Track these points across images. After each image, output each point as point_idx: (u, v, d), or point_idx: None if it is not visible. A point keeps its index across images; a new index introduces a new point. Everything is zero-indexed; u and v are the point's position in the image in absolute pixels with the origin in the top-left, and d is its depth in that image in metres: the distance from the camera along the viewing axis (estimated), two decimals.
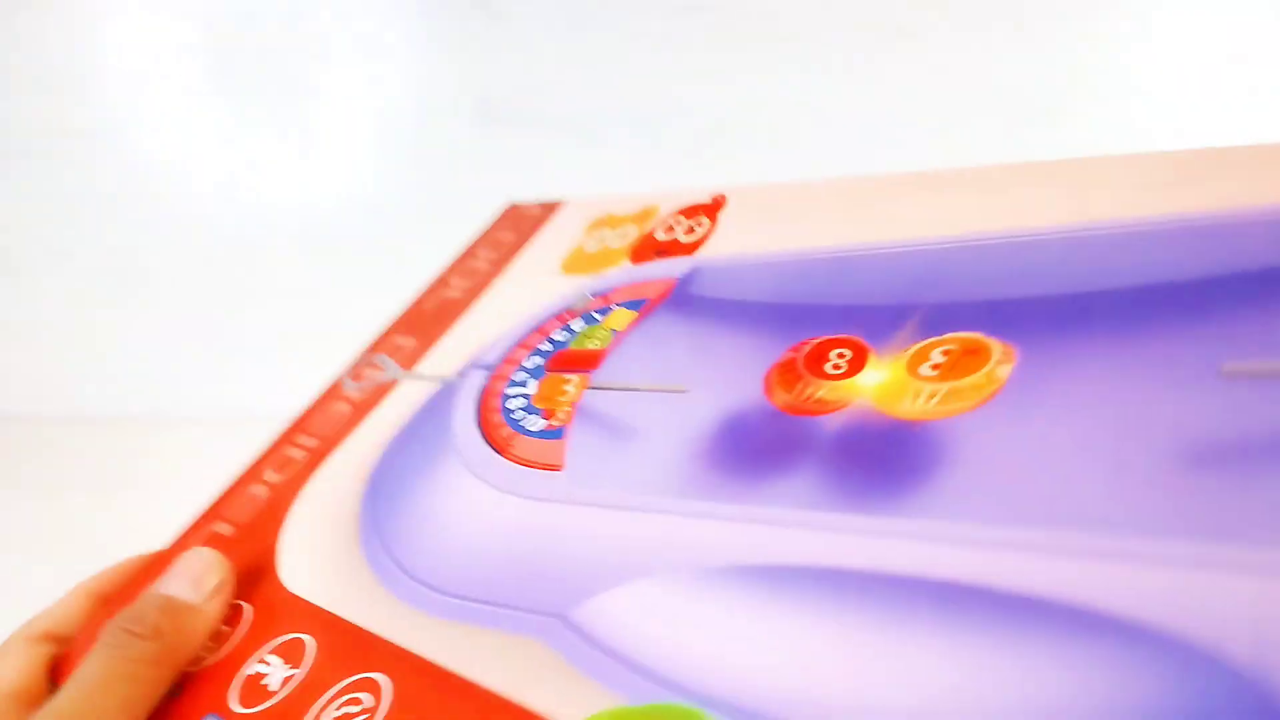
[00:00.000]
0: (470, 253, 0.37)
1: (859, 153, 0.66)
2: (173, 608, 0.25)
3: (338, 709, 0.21)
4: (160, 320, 0.63)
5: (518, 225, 0.37)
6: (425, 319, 0.34)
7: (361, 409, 0.31)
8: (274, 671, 0.23)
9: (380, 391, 0.32)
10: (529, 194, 0.54)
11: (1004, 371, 0.20)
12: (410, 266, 0.62)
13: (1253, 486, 0.16)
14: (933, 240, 0.25)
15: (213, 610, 0.25)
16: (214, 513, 0.30)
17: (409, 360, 0.33)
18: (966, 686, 0.16)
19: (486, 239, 0.37)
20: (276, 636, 0.24)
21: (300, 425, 0.32)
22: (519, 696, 0.19)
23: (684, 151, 0.68)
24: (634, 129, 0.67)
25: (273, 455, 0.31)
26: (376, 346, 0.34)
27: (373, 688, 0.21)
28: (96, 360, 0.63)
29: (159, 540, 0.30)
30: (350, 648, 0.23)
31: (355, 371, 0.33)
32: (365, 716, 0.20)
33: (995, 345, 0.21)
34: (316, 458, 0.30)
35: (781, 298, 0.26)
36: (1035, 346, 0.20)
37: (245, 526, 0.29)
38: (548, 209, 0.37)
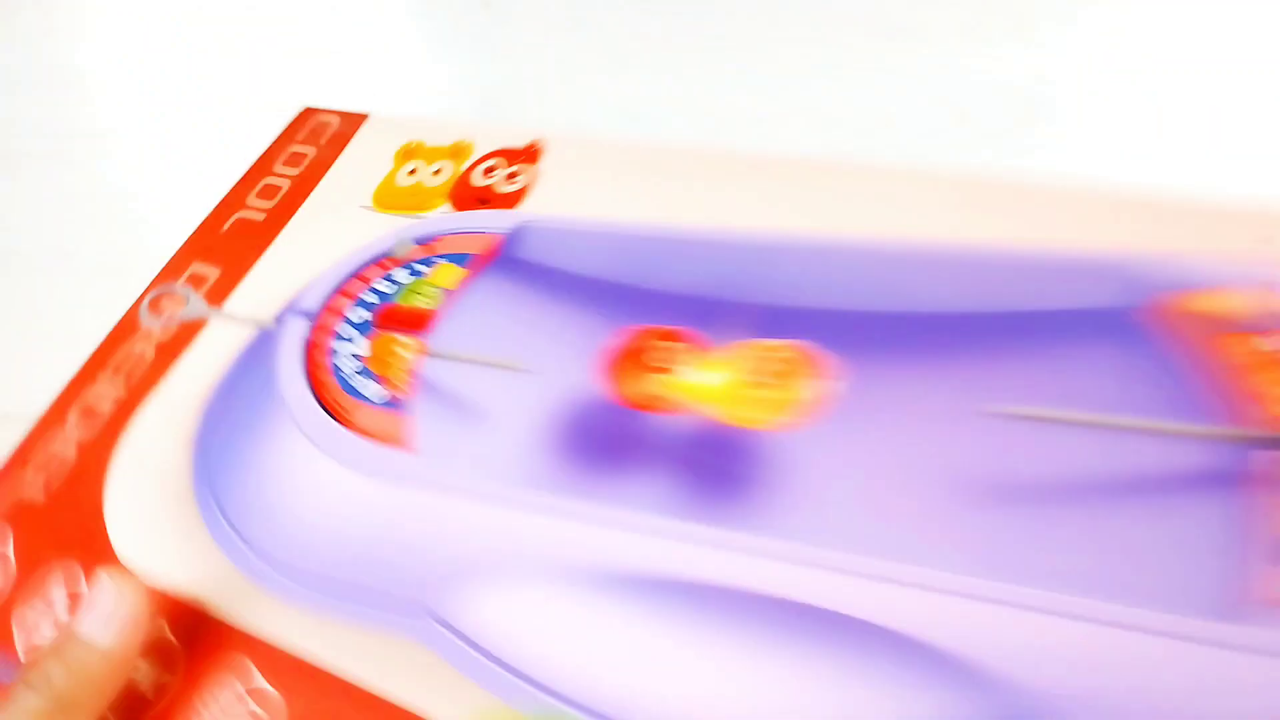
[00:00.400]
0: (265, 166, 0.35)
1: (860, 152, 0.68)
2: (74, 657, 0.23)
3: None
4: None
5: (316, 138, 0.36)
6: (225, 244, 0.33)
7: (166, 352, 0.30)
8: (143, 679, 0.23)
9: (187, 331, 0.31)
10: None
11: (829, 387, 0.23)
12: None
13: (1021, 526, 0.20)
14: (763, 235, 0.27)
15: (123, 651, 0.23)
16: (15, 474, 0.28)
17: (215, 295, 0.31)
18: (769, 688, 0.20)
19: (282, 150, 0.36)
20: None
21: (98, 364, 0.31)
22: (399, 696, 0.21)
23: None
24: (634, 129, 0.66)
25: (74, 402, 0.30)
26: (172, 272, 0.33)
27: (259, 696, 0.22)
28: None
29: None
30: (218, 645, 0.23)
31: (154, 303, 0.32)
32: None
33: (823, 359, 0.24)
34: (125, 411, 0.29)
35: (613, 275, 0.27)
36: (858, 362, 0.24)
37: (58, 494, 0.28)
38: (350, 121, 0.36)
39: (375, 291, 0.29)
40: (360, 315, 0.29)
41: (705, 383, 0.24)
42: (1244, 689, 0.17)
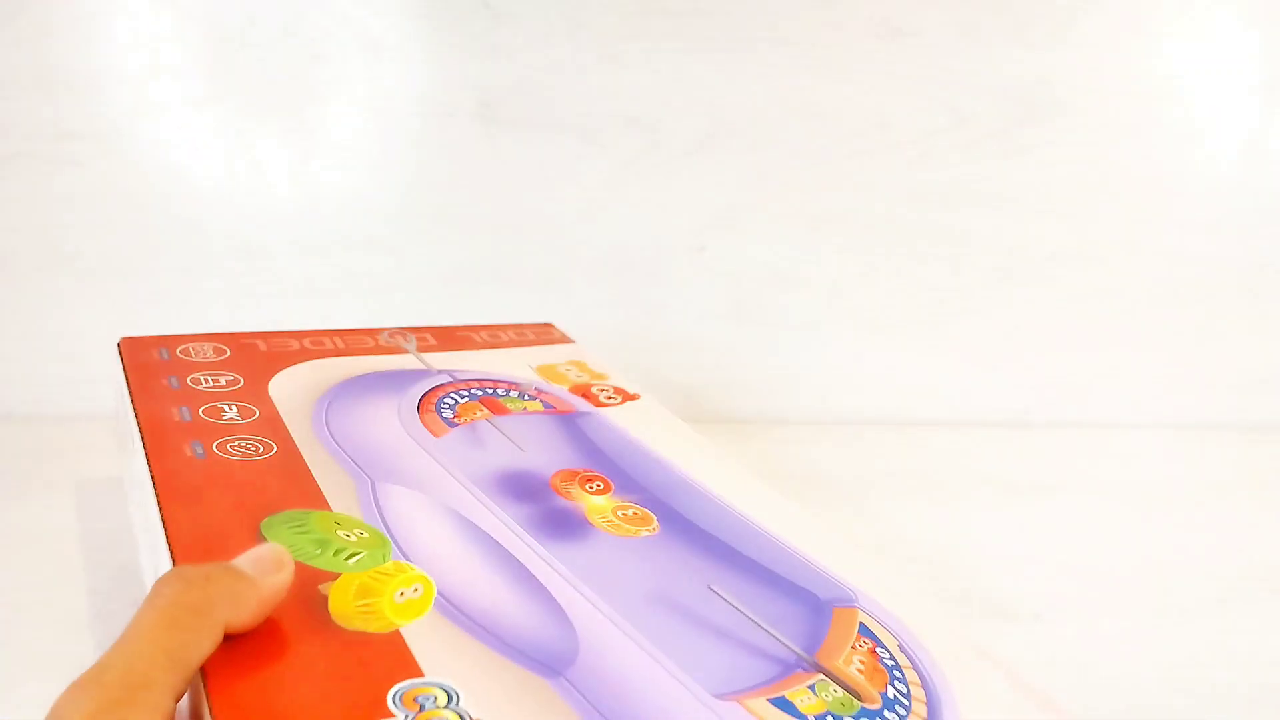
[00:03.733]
0: (502, 329, 0.57)
1: (859, 152, 0.69)
2: (226, 568, 0.27)
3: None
4: (161, 321, 0.59)
5: (541, 334, 0.57)
6: (445, 338, 0.54)
7: (352, 352, 0.50)
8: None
9: (387, 350, 0.51)
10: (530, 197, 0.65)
11: (650, 529, 0.38)
12: (409, 266, 0.68)
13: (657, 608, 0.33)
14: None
15: (266, 585, 0.27)
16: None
17: (421, 348, 0.52)
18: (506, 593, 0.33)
19: (520, 328, 0.57)
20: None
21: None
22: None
23: (684, 152, 0.69)
24: (634, 129, 0.68)
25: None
26: (408, 331, 0.54)
27: None
28: (98, 360, 0.54)
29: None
30: None
31: (391, 333, 0.53)
32: None
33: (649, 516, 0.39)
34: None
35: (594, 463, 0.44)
36: (665, 520, 0.38)
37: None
38: (563, 338, 0.57)
39: (491, 391, 0.48)
40: (474, 394, 0.48)
41: (597, 504, 0.40)
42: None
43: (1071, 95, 0.67)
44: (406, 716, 0.27)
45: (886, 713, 0.30)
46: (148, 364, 0.46)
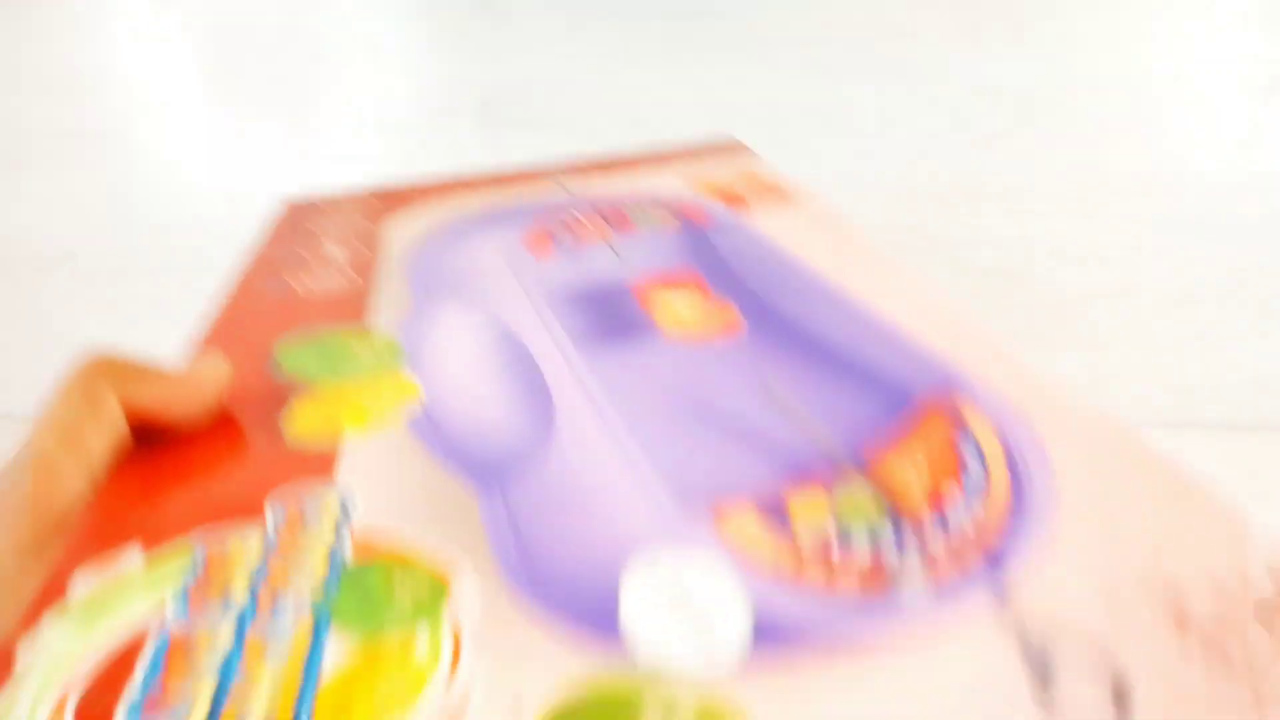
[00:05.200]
0: (675, 152, 0.49)
1: (858, 152, 0.66)
2: (141, 356, 0.27)
3: None
4: (162, 320, 0.59)
5: (719, 150, 0.48)
6: (607, 166, 0.47)
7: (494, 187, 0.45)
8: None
9: (535, 185, 0.46)
10: None
11: (731, 332, 0.30)
12: None
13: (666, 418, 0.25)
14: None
15: (194, 379, 0.27)
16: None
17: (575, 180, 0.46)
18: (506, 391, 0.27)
19: (696, 149, 0.49)
20: None
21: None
22: None
23: None
24: (634, 129, 0.67)
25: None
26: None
27: None
28: None
29: None
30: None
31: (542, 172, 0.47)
32: None
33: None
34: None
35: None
36: (757, 323, 0.29)
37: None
38: (743, 150, 0.48)
39: (620, 209, 0.41)
40: (598, 212, 0.41)
41: (673, 309, 0.32)
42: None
43: (1067, 99, 0.63)
44: (276, 516, 0.22)
45: (932, 528, 0.20)
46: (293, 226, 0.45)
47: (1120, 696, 0.15)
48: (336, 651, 0.18)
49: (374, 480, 0.24)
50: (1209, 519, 0.20)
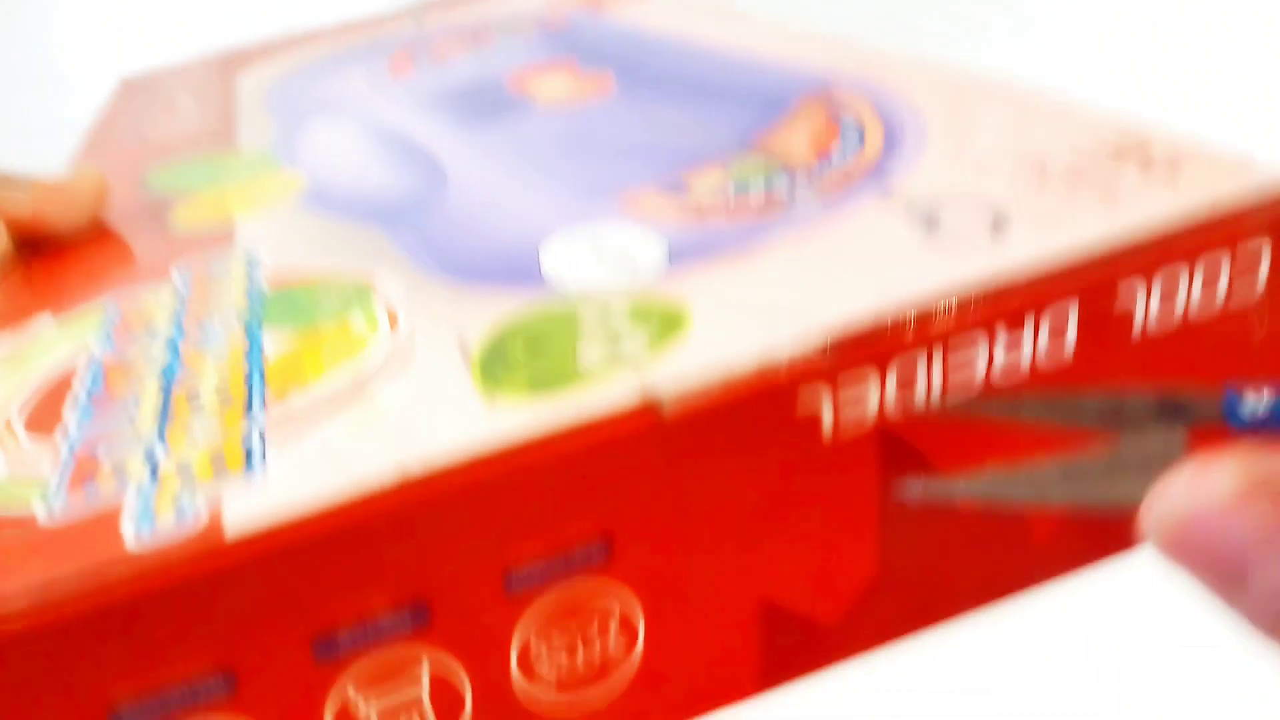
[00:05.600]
0: None
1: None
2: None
3: None
4: None
5: None
6: None
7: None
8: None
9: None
10: None
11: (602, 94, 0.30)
12: None
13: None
14: None
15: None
16: None
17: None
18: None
19: None
20: None
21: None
22: None
23: None
24: None
25: None
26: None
27: None
28: None
29: None
30: None
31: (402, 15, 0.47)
32: None
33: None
34: None
35: None
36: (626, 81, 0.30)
37: None
38: None
39: (482, 30, 0.41)
40: (458, 34, 0.41)
41: (543, 87, 0.32)
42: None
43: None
44: (183, 276, 0.22)
45: (821, 168, 0.22)
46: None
47: (997, 223, 0.17)
48: (275, 342, 0.19)
49: (275, 239, 0.24)
50: (1064, 113, 0.22)
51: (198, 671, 0.13)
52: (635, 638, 0.15)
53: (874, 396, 0.15)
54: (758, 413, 0.15)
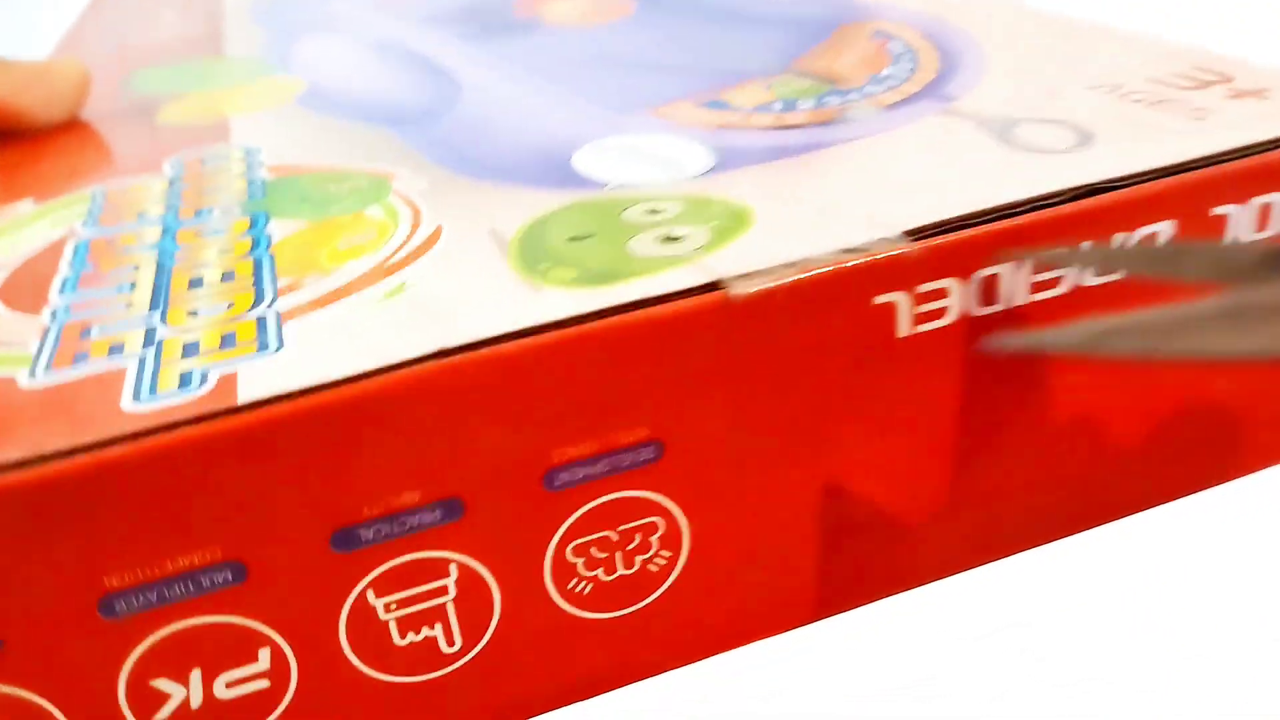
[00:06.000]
0: None
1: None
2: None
3: None
4: None
5: None
6: None
7: None
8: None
9: None
10: None
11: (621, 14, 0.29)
12: None
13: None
14: None
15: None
16: None
17: None
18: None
19: None
20: None
21: None
22: None
23: None
24: None
25: None
26: None
27: None
28: None
29: None
30: None
31: None
32: None
33: None
34: None
35: None
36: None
37: None
38: None
39: None
40: None
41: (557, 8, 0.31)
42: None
43: None
44: (174, 168, 0.20)
45: (873, 86, 0.20)
46: None
47: (1080, 138, 0.16)
48: (283, 230, 0.17)
49: (276, 136, 0.22)
50: (1136, 43, 0.20)
51: (201, 557, 0.12)
52: (679, 554, 0.14)
53: (955, 300, 0.14)
54: (831, 305, 0.13)
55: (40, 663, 0.11)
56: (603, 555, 0.14)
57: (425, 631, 0.13)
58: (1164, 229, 0.15)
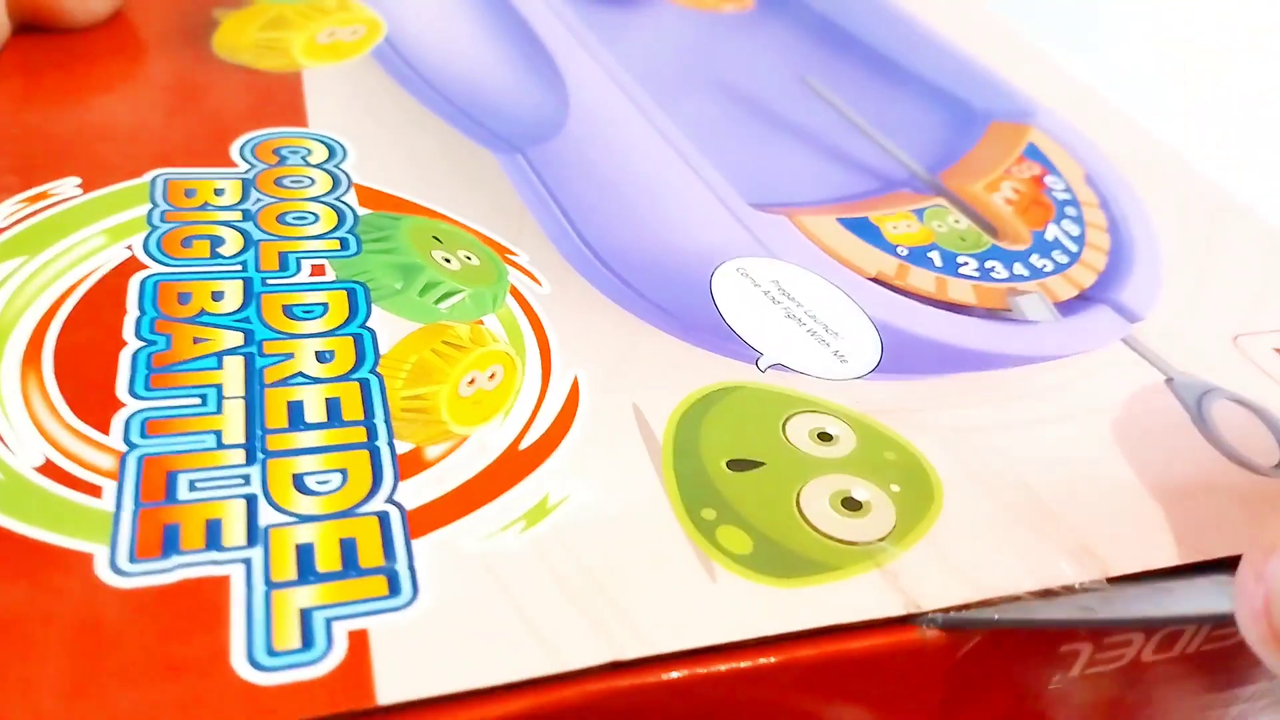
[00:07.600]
0: None
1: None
2: None
3: None
4: None
5: None
6: None
7: None
8: None
9: None
10: None
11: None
12: None
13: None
14: None
15: None
16: None
17: None
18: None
19: None
20: None
21: None
22: None
23: None
24: None
25: None
26: None
27: None
28: None
29: None
30: None
31: None
32: None
33: None
34: None
35: None
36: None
37: None
38: None
39: None
40: None
41: None
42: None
43: None
44: (249, 169, 0.18)
45: (1037, 256, 0.18)
46: None
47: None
48: (387, 329, 0.15)
49: (354, 116, 0.20)
50: None
51: None
52: None
53: (1135, 648, 0.13)
54: (1021, 655, 0.12)
55: None
56: None
57: None
58: None
